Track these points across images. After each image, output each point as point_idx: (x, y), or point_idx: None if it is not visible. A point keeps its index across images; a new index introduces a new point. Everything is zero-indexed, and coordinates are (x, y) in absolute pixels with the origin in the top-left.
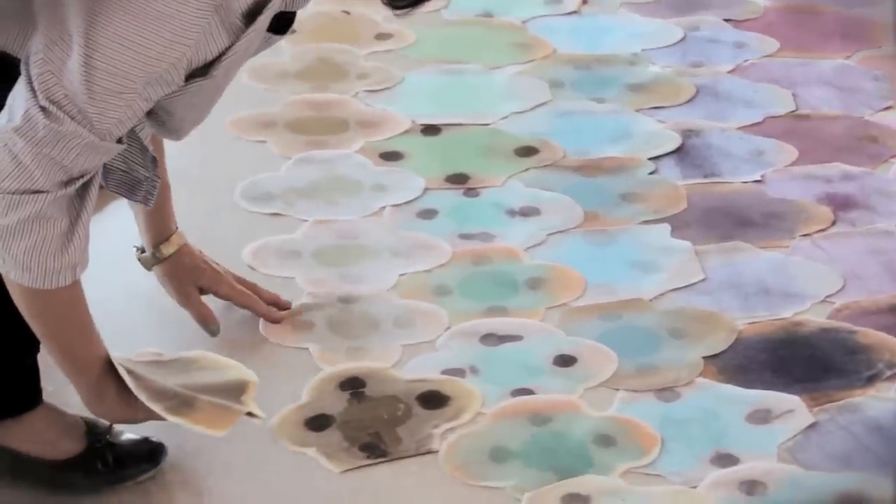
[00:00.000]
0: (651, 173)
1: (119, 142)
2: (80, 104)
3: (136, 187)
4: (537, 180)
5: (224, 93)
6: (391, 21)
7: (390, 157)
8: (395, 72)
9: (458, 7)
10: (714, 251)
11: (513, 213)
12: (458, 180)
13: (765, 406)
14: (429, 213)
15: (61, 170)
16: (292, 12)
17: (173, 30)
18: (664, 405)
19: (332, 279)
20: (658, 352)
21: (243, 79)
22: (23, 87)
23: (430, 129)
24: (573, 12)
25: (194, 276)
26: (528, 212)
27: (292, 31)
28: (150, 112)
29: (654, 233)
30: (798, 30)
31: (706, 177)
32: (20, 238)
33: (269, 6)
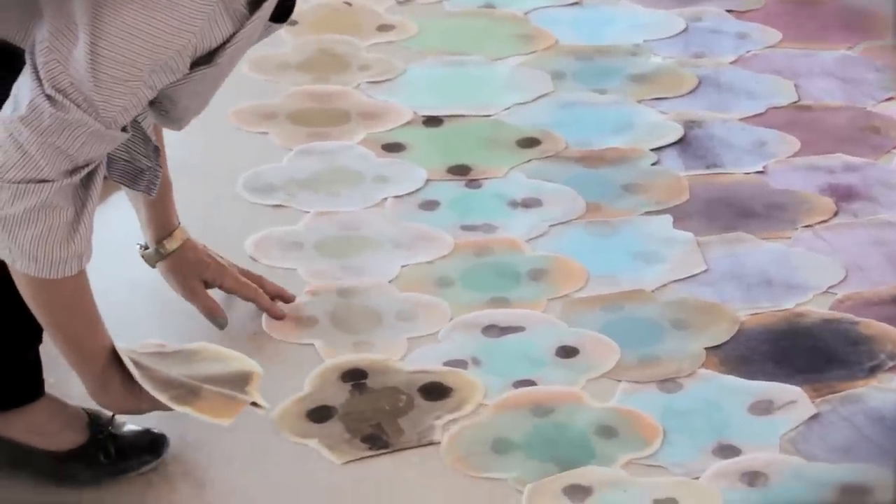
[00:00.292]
0: (653, 164)
1: (124, 130)
2: (87, 92)
3: (138, 177)
4: (539, 171)
5: (226, 84)
6: (393, 12)
7: (392, 148)
8: (397, 63)
9: None
10: (716, 242)
11: (515, 204)
12: (459, 171)
13: (767, 397)
14: (431, 205)
15: (66, 159)
16: (293, 0)
17: (180, 17)
18: (666, 396)
19: (334, 270)
20: (660, 343)
21: (244, 70)
22: (28, 76)
23: (432, 121)
24: (575, 3)
25: (198, 269)
26: (530, 203)
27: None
28: (153, 101)
29: (656, 224)
30: (800, 20)
31: (708, 168)
32: (26, 227)
33: None
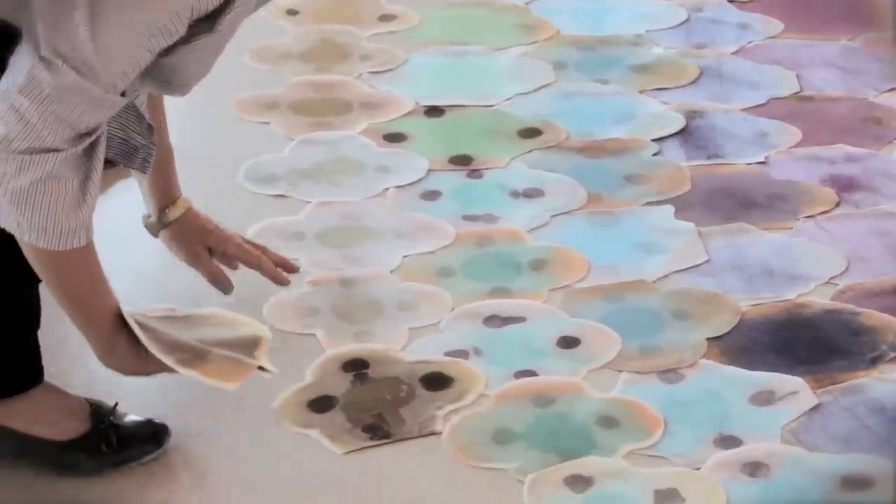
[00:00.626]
0: (655, 154)
1: (122, 95)
2: (86, 57)
3: (133, 154)
4: (541, 162)
5: (228, 74)
6: (394, 2)
7: (394, 138)
8: (399, 53)
9: None
10: (718, 232)
11: (516, 194)
12: (461, 161)
13: (768, 388)
14: (432, 195)
15: (68, 126)
16: None
17: None
18: (667, 387)
19: (336, 261)
20: (661, 333)
21: (246, 60)
22: (25, 47)
23: (434, 111)
24: None
25: (202, 236)
26: (532, 193)
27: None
28: (156, 71)
29: (657, 214)
30: (802, 11)
31: (710, 158)
32: (35, 199)
33: None
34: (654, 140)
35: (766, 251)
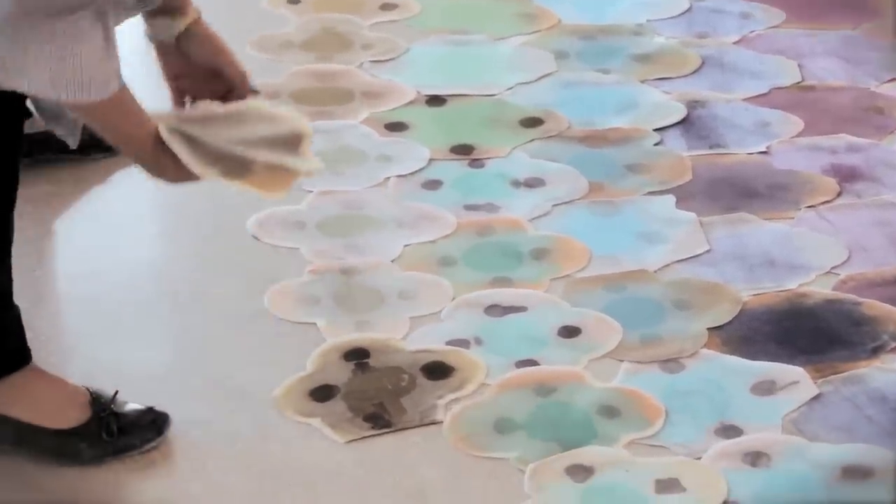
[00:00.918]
0: (656, 144)
1: None
2: None
3: (61, 119)
4: (542, 151)
5: None
6: None
7: (395, 127)
8: (400, 42)
9: None
10: (719, 222)
11: (518, 183)
12: (463, 151)
13: (769, 377)
14: (434, 184)
15: None
16: None
17: None
18: (668, 376)
19: (337, 250)
20: (662, 323)
21: (247, 49)
22: None
23: (435, 100)
24: None
25: (212, 55)
26: (533, 183)
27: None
28: None
29: (658, 204)
30: (804, 1)
31: (711, 148)
32: (70, 56)
33: None
34: (655, 130)
35: (768, 241)
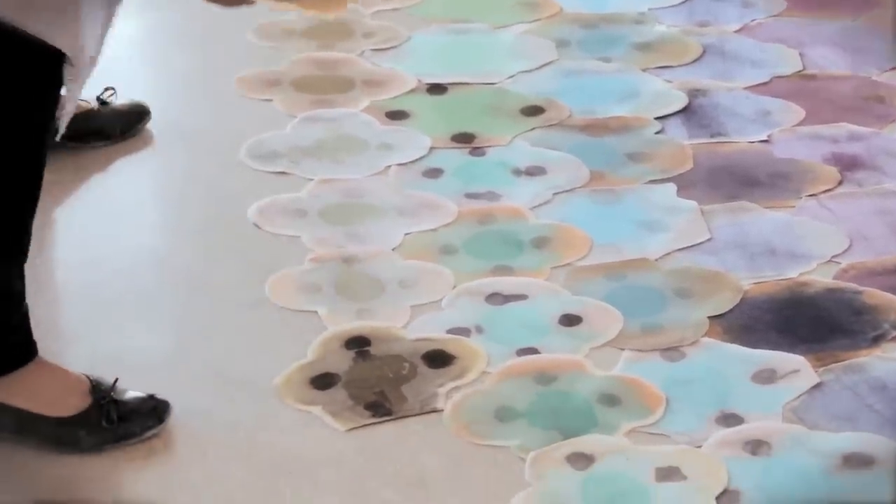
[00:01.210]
0: (657, 133)
1: None
2: None
3: None
4: (543, 139)
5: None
6: None
7: (396, 116)
8: (402, 30)
9: None
10: (720, 211)
11: (519, 172)
12: (464, 139)
13: (770, 366)
14: (435, 173)
15: None
16: None
17: None
18: (669, 365)
19: (338, 238)
20: (663, 311)
21: (248, 37)
22: None
23: (437, 89)
24: None
25: None
26: (534, 171)
27: None
28: None
29: (659, 192)
30: None
31: (712, 136)
32: None
33: None
34: (656, 118)
35: (769, 230)
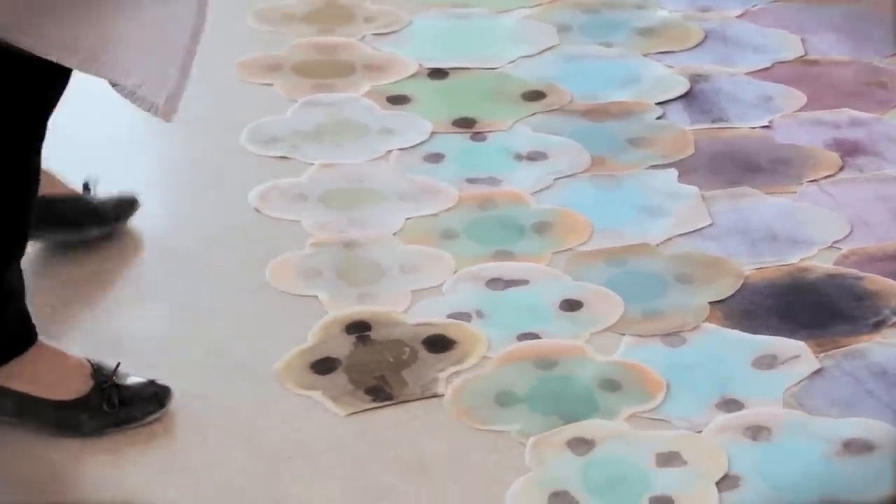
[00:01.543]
0: (659, 118)
1: None
2: None
3: None
4: (544, 125)
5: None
6: None
7: (397, 100)
8: (403, 15)
9: None
10: (721, 196)
11: (520, 157)
12: (465, 124)
13: (771, 352)
14: (435, 157)
15: None
16: None
17: None
18: (670, 350)
19: (339, 223)
20: (664, 297)
21: (249, 21)
22: None
23: (437, 73)
24: None
25: None
26: (535, 156)
27: None
28: None
29: (661, 178)
30: None
31: (714, 122)
32: None
33: None
34: (658, 103)
35: (770, 215)
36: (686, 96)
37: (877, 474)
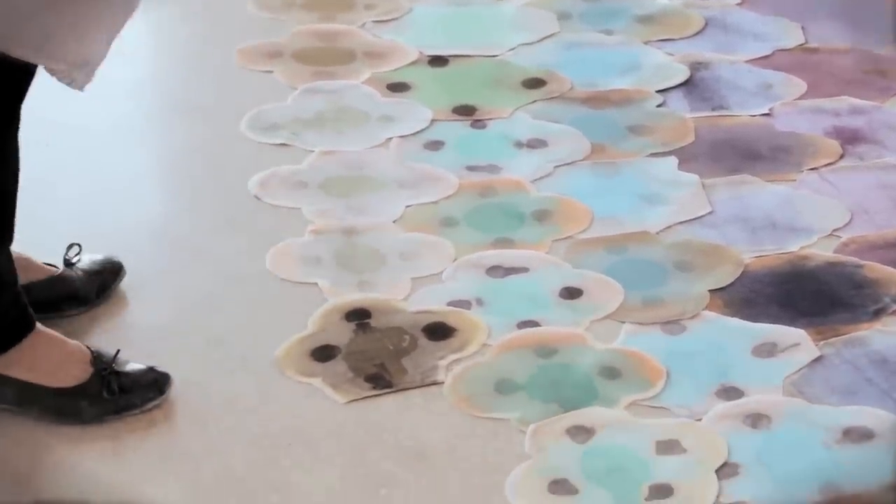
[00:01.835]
0: (659, 106)
1: None
2: None
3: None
4: (544, 112)
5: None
6: None
7: (397, 88)
8: (403, 2)
9: None
10: (721, 184)
11: (520, 144)
12: (465, 112)
13: (770, 339)
14: (436, 145)
15: None
16: None
17: None
18: (670, 338)
19: (339, 210)
20: (664, 284)
21: (250, 8)
22: None
23: (438, 61)
24: None
25: None
26: (535, 144)
27: None
28: None
29: (661, 165)
30: None
31: (714, 110)
32: None
33: None
34: (658, 91)
35: (770, 203)
36: (686, 84)
37: (876, 462)
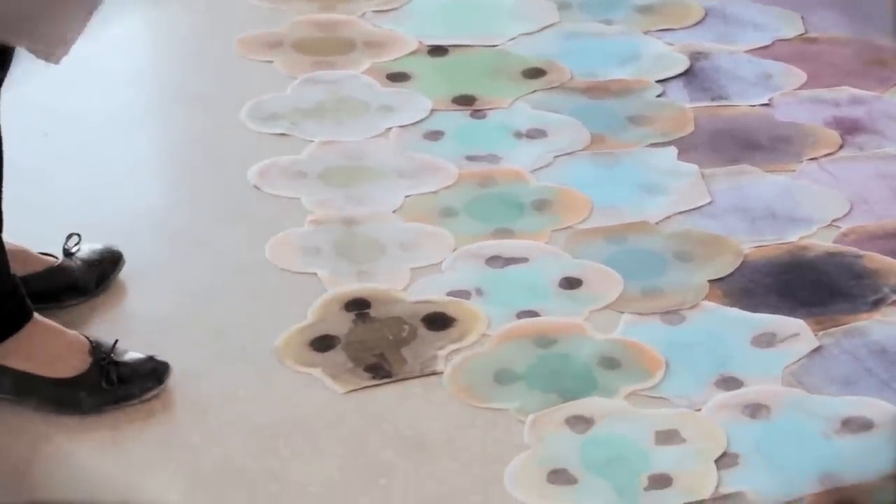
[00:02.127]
0: (658, 96)
1: None
2: None
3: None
4: (544, 102)
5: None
6: None
7: (397, 77)
8: None
9: None
10: (721, 174)
11: (519, 134)
12: (464, 102)
13: (770, 330)
14: (435, 135)
15: None
16: None
17: None
18: (669, 328)
19: (338, 200)
20: (663, 275)
21: None
22: None
23: (438, 50)
24: None
25: None
26: (535, 134)
27: None
28: None
29: (660, 155)
30: None
31: (714, 100)
32: None
33: None
34: (658, 81)
35: (769, 193)
36: (686, 74)
37: (876, 452)
